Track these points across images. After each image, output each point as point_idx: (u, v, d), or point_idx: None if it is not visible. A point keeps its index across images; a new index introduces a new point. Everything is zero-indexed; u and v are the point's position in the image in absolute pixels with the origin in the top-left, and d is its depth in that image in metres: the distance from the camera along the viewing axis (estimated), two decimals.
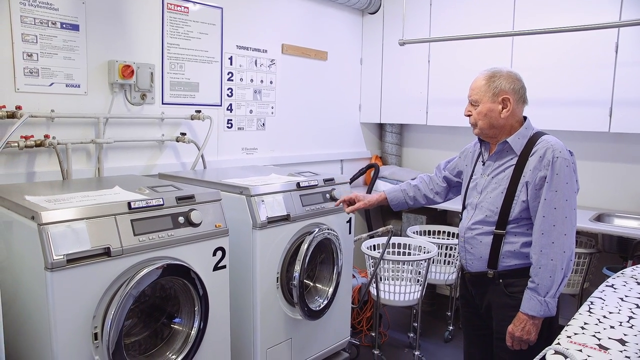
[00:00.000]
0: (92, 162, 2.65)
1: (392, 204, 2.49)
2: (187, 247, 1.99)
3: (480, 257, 2.04)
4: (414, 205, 2.49)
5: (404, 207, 2.50)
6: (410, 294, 3.17)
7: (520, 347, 1.92)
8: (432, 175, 2.47)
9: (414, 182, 2.49)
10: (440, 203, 2.47)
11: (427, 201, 2.46)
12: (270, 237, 2.40)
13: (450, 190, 2.43)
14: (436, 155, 4.38)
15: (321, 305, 2.67)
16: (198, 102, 3.10)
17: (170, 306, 2.08)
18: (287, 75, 3.70)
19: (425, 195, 2.44)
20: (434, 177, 2.45)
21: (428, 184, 2.45)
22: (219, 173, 2.84)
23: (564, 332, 1.44)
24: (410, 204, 2.48)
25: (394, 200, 2.49)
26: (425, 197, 2.45)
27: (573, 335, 1.41)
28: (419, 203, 2.47)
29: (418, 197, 2.46)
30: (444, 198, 2.44)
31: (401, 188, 2.49)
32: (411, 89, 4.07)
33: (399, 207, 2.50)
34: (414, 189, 2.47)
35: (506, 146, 2.02)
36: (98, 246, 1.72)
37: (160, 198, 1.95)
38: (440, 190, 2.42)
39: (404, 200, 2.48)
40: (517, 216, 1.94)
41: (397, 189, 2.50)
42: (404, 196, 2.48)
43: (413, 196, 2.46)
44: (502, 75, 2.00)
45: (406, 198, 2.47)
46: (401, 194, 2.48)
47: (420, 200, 2.46)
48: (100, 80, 2.64)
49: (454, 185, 2.41)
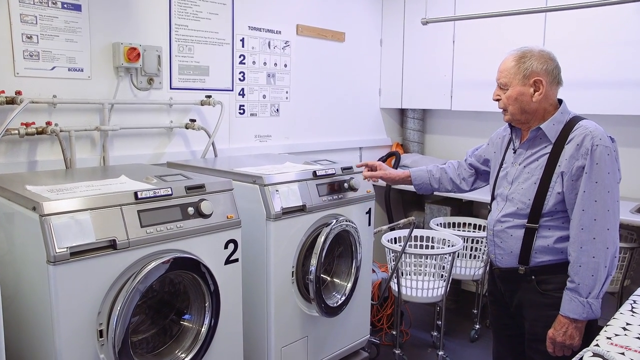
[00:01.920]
0: (97, 150, 2.66)
1: (415, 183, 2.48)
2: (197, 240, 2.00)
3: (510, 252, 2.01)
4: (439, 189, 2.47)
5: (428, 189, 2.48)
6: (433, 290, 3.16)
7: (563, 354, 1.88)
8: (460, 162, 2.45)
9: (441, 165, 2.48)
10: (467, 191, 2.45)
11: (453, 187, 2.43)
12: (285, 229, 2.40)
13: (478, 179, 2.41)
14: (462, 142, 4.35)
15: (339, 301, 2.68)
16: (208, 87, 3.10)
17: (180, 302, 2.08)
18: (302, 58, 3.68)
19: (451, 179, 2.42)
20: (463, 164, 2.43)
21: (456, 169, 2.44)
22: (230, 161, 2.85)
23: (603, 332, 1.41)
24: (434, 186, 2.46)
25: (417, 180, 2.48)
26: (451, 182, 2.43)
27: (614, 337, 1.38)
28: (444, 187, 2.45)
29: (444, 181, 2.44)
30: (470, 186, 2.42)
31: (427, 169, 2.48)
32: (435, 72, 4.04)
33: (422, 188, 2.48)
34: (441, 171, 2.45)
35: (539, 133, 1.97)
36: (103, 238, 1.73)
37: (168, 188, 1.95)
38: (468, 177, 2.40)
39: (428, 181, 2.46)
40: (552, 209, 1.91)
41: (423, 169, 2.49)
42: (429, 177, 2.46)
43: (439, 178, 2.44)
44: (534, 54, 1.94)
45: (431, 180, 2.45)
46: (426, 175, 2.47)
47: (446, 185, 2.44)
48: (105, 64, 2.64)
49: (481, 173, 2.38)
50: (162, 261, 1.83)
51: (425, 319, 3.86)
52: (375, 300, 3.42)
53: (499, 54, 2.11)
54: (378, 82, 4.39)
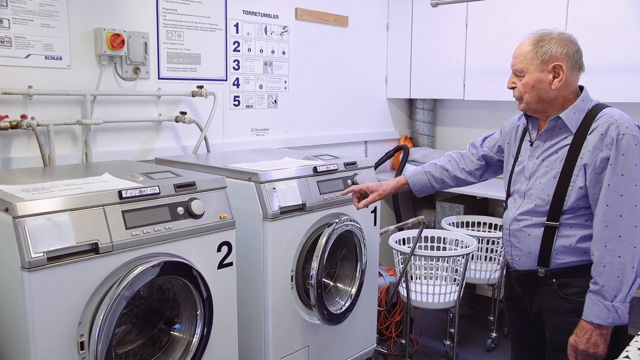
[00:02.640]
0: (78, 146, 2.65)
1: (415, 189, 2.43)
2: (187, 242, 2.00)
3: (528, 253, 1.99)
4: (442, 188, 2.44)
5: (430, 191, 2.45)
6: (445, 295, 3.15)
7: None
8: (463, 152, 2.41)
9: (440, 161, 2.43)
10: (474, 183, 2.42)
11: (458, 183, 2.41)
12: (284, 229, 2.40)
13: (487, 170, 2.38)
14: (475, 134, 4.22)
15: (343, 307, 2.67)
16: (200, 77, 3.10)
17: (169, 310, 2.08)
18: (302, 45, 3.67)
19: (455, 176, 2.39)
20: (467, 155, 2.40)
21: (458, 162, 2.40)
22: (224, 157, 2.85)
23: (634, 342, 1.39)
24: (436, 187, 2.43)
25: (416, 185, 2.43)
26: (455, 179, 2.40)
27: None
28: (447, 185, 2.42)
29: (446, 179, 2.41)
30: (478, 178, 2.39)
31: (424, 170, 2.44)
32: (446, 59, 4.02)
33: (423, 192, 2.45)
34: (440, 169, 2.41)
35: (559, 123, 1.95)
36: (84, 242, 1.72)
37: (156, 186, 1.94)
38: (475, 169, 2.37)
39: (428, 183, 2.42)
40: (573, 205, 1.89)
41: (420, 171, 2.45)
42: (428, 179, 2.42)
43: (440, 178, 2.41)
44: (553, 38, 1.92)
45: (431, 181, 2.42)
46: (424, 177, 2.42)
47: (449, 183, 2.41)
48: (86, 51, 2.62)
49: (494, 164, 2.36)
50: (149, 266, 1.82)
51: (437, 327, 3.84)
52: (382, 306, 3.41)
53: (516, 38, 2.08)
54: (384, 70, 4.37)
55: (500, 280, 3.48)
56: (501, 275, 3.46)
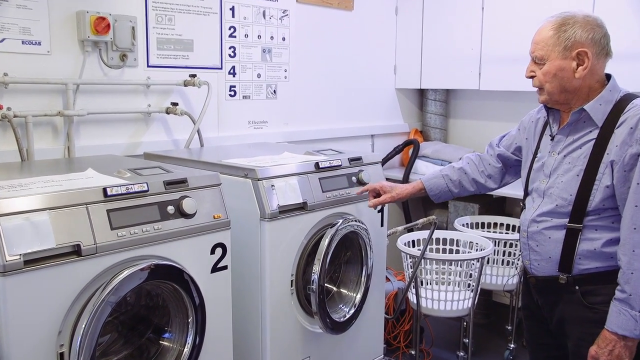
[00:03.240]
0: (60, 139, 2.65)
1: (432, 194, 2.47)
2: (178, 244, 2.00)
3: (549, 258, 1.99)
4: (461, 193, 2.46)
5: (448, 197, 2.48)
6: (459, 302, 3.15)
7: None
8: (482, 155, 2.43)
9: (458, 164, 2.46)
10: (494, 189, 2.43)
11: (478, 187, 2.43)
12: (283, 230, 2.40)
13: (507, 172, 2.39)
14: (492, 128, 4.32)
15: (347, 315, 2.68)
16: (192, 65, 3.11)
17: (158, 317, 2.07)
18: (304, 30, 3.67)
19: (474, 180, 2.41)
20: (485, 157, 2.42)
21: (477, 165, 2.42)
22: (219, 152, 2.87)
23: None
24: (455, 191, 2.45)
25: (433, 189, 2.46)
26: (474, 183, 2.42)
27: None
28: (466, 191, 2.44)
29: (465, 183, 2.42)
30: (498, 183, 2.41)
31: (442, 173, 2.47)
32: (460, 45, 4.02)
33: (440, 197, 2.48)
34: (459, 172, 2.43)
35: (583, 115, 1.94)
36: (65, 243, 1.71)
37: (144, 183, 1.94)
38: (494, 172, 2.39)
39: (446, 188, 2.45)
40: (599, 206, 1.88)
41: (437, 175, 2.47)
42: (445, 183, 2.44)
43: (458, 181, 2.43)
44: (577, 21, 1.91)
45: (449, 185, 2.44)
46: (442, 181, 2.45)
47: (468, 187, 2.43)
48: (68, 36, 2.62)
49: (512, 165, 2.36)
50: (137, 269, 1.82)
51: (449, 337, 3.84)
52: (390, 314, 3.41)
53: (537, 22, 2.06)
54: (393, 58, 4.37)
55: (519, 287, 3.47)
56: (520, 281, 3.45)
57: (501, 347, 3.68)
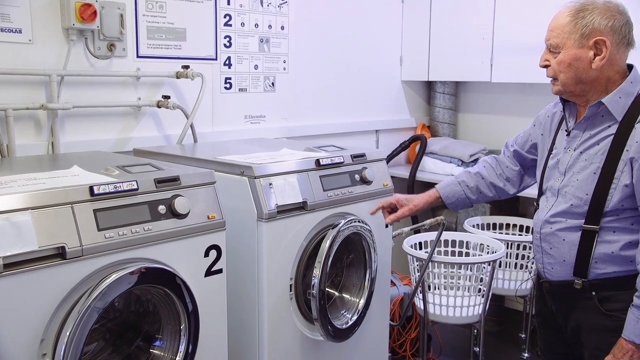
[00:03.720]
0: (43, 134, 2.65)
1: (449, 202, 2.48)
2: (170, 246, 1.99)
3: (563, 261, 1.99)
4: (479, 200, 2.47)
5: (466, 204, 2.49)
6: (469, 308, 3.15)
7: None
8: (499, 157, 2.44)
9: (474, 168, 2.47)
10: (514, 194, 2.44)
11: (497, 192, 2.43)
12: (281, 231, 2.40)
13: (526, 174, 2.40)
14: (504, 123, 4.33)
15: (349, 322, 2.68)
16: (185, 55, 3.11)
17: (148, 324, 2.07)
18: (304, 19, 3.68)
19: (492, 184, 2.41)
20: (502, 159, 2.42)
21: (494, 168, 2.43)
22: (214, 148, 2.87)
23: None
24: (472, 198, 2.46)
25: (450, 197, 2.47)
26: (492, 187, 2.42)
27: None
28: (485, 197, 2.45)
29: (482, 189, 2.42)
30: (517, 186, 2.41)
31: (458, 180, 2.48)
32: (471, 34, 4.03)
33: (458, 205, 2.49)
34: (476, 177, 2.44)
35: (601, 109, 1.94)
36: (48, 245, 1.70)
37: (133, 181, 1.94)
38: (512, 175, 2.39)
39: (463, 195, 2.45)
40: (617, 206, 1.88)
41: (453, 182, 2.48)
42: (462, 189, 2.45)
43: (475, 187, 2.43)
44: (596, 7, 1.90)
45: (466, 192, 2.45)
46: (459, 188, 2.46)
47: (487, 192, 2.43)
48: (51, 24, 2.61)
49: (530, 166, 2.36)
50: (125, 273, 1.81)
51: (458, 345, 3.85)
52: (395, 320, 3.42)
53: (554, 9, 2.06)
54: (399, 48, 4.38)
55: (533, 292, 3.47)
56: (533, 286, 3.45)
57: (514, 356, 3.69)
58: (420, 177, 4.08)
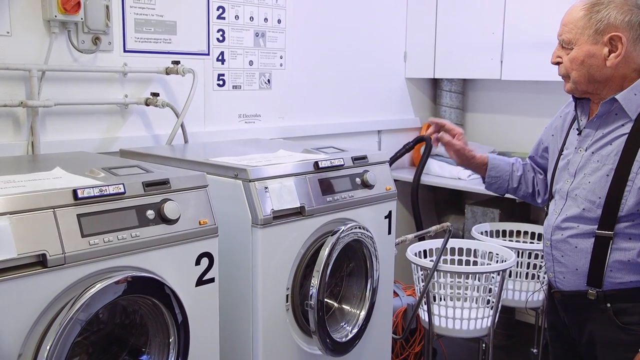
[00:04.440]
0: (23, 133, 2.64)
1: (491, 174, 2.43)
2: (159, 253, 1.99)
3: (575, 270, 2.00)
4: (515, 191, 2.44)
5: (502, 189, 2.45)
6: (477, 321, 3.15)
7: None
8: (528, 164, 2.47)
9: (525, 161, 2.46)
10: (539, 204, 2.43)
11: (532, 193, 2.42)
12: (278, 238, 2.40)
13: None
14: (515, 123, 4.34)
15: (349, 335, 2.68)
16: (176, 50, 3.11)
17: (135, 337, 2.06)
18: (302, 12, 3.69)
19: (533, 179, 2.41)
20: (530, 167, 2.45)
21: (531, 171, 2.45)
22: (205, 149, 2.87)
23: None
24: (512, 186, 2.43)
25: (494, 170, 2.42)
26: (532, 184, 2.41)
27: None
28: (520, 191, 2.43)
29: (524, 181, 2.41)
30: (543, 196, 2.39)
31: (510, 161, 2.45)
32: (479, 29, 4.04)
33: (494, 184, 2.45)
34: (524, 168, 2.43)
35: (615, 106, 1.95)
36: (28, 253, 1.69)
37: (120, 184, 1.93)
38: (540, 183, 2.39)
39: (507, 176, 2.42)
40: (632, 210, 1.89)
41: (506, 160, 2.46)
42: (510, 171, 2.42)
43: (520, 176, 2.42)
44: (613, 1, 1.92)
45: (511, 176, 2.42)
46: (508, 167, 2.43)
47: (525, 188, 2.42)
48: (31, 15, 2.60)
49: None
50: (111, 282, 1.80)
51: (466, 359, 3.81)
52: (398, 334, 3.42)
53: (568, 3, 2.07)
54: (403, 43, 4.39)
55: (545, 303, 3.46)
56: (545, 297, 3.45)
57: None
58: (425, 181, 4.09)
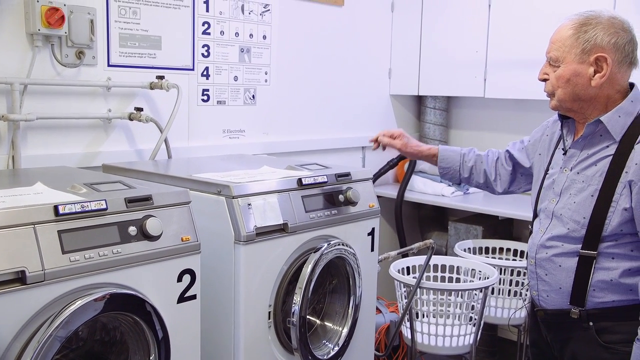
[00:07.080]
0: (3, 147, 2.63)
1: (442, 165, 2.58)
2: (140, 270, 1.98)
3: (559, 289, 2.01)
4: (467, 180, 2.57)
5: (454, 177, 2.59)
6: (459, 338, 3.16)
7: None
8: (500, 151, 2.53)
9: (479, 151, 2.56)
10: (498, 193, 2.52)
11: (485, 182, 2.53)
12: (260, 255, 2.40)
13: (516, 180, 2.47)
14: (498, 140, 4.35)
15: (331, 352, 2.67)
16: (160, 65, 3.11)
17: (115, 355, 2.05)
18: (288, 28, 3.70)
19: (485, 172, 2.51)
20: (502, 157, 2.51)
21: (495, 161, 2.51)
22: (189, 165, 2.87)
23: None
24: (464, 175, 2.56)
25: (444, 161, 2.57)
26: (484, 175, 2.52)
27: None
28: (473, 180, 2.55)
29: (476, 171, 2.53)
30: (503, 188, 2.50)
31: (462, 151, 2.57)
32: (463, 47, 4.06)
33: (447, 174, 2.59)
34: (476, 158, 2.54)
35: (600, 128, 1.96)
36: (7, 269, 1.68)
37: (102, 200, 1.92)
38: (504, 174, 2.48)
39: (457, 167, 2.56)
40: (616, 230, 1.90)
41: (456, 150, 2.59)
42: (460, 162, 2.55)
43: (471, 167, 2.54)
44: (600, 22, 1.94)
45: (462, 166, 2.55)
46: (458, 158, 2.56)
47: (477, 177, 2.53)
48: (14, 28, 2.60)
49: (521, 174, 2.44)
50: (91, 299, 1.79)
51: None
52: (381, 351, 3.41)
53: (552, 23, 2.10)
54: (388, 60, 4.41)
55: (527, 321, 3.47)
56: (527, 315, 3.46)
57: None
58: (409, 197, 4.10)
